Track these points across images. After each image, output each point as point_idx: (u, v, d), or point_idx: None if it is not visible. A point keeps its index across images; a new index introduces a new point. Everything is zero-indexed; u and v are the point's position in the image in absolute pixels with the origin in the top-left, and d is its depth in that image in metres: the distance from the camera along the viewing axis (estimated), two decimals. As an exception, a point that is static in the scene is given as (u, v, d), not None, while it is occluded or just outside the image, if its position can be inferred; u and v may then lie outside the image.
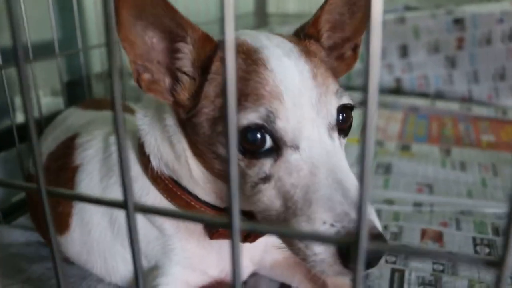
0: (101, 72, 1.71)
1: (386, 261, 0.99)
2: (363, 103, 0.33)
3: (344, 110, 0.67)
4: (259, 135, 0.61)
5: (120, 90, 0.38)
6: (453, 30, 2.21)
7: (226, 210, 0.76)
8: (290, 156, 0.61)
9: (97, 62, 1.73)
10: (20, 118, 1.47)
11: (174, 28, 0.65)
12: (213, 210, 0.77)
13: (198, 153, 0.72)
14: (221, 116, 0.64)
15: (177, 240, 0.79)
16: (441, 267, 0.97)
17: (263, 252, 0.91)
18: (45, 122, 1.25)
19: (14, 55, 0.38)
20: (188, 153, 0.73)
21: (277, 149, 0.62)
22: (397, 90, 2.32)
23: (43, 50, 1.40)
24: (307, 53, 0.68)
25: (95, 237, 0.85)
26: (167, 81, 0.69)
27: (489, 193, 1.34)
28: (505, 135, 1.83)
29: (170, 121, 0.74)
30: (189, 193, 0.76)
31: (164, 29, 0.65)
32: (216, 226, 0.73)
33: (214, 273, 0.83)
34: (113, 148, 0.85)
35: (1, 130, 1.41)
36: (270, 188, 0.63)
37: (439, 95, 2.25)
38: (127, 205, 0.40)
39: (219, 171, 0.71)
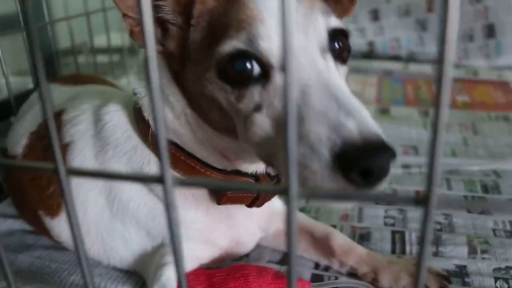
0: (71, 47, 1.61)
1: (385, 224, 0.99)
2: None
3: (339, 37, 0.64)
4: (248, 64, 0.59)
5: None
6: (423, -8, 2.21)
7: (231, 173, 0.75)
8: (279, 79, 0.58)
9: (64, 37, 1.63)
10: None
11: None
12: (218, 173, 0.74)
13: (198, 110, 0.71)
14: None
15: (186, 212, 0.77)
16: (438, 226, 0.98)
17: (268, 219, 0.90)
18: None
19: None
20: (188, 111, 0.72)
21: (265, 75, 0.59)
22: (370, 53, 2.33)
23: (5, 26, 1.31)
24: None
25: (91, 217, 0.81)
26: (157, 32, 0.69)
27: (471, 151, 1.37)
28: (478, 95, 1.86)
29: (165, 78, 0.72)
30: (193, 157, 0.74)
31: None
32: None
33: (224, 243, 0.81)
34: (106, 120, 0.80)
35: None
36: (262, 117, 0.59)
37: (411, 58, 2.27)
38: (164, 179, 0.37)
39: (219, 124, 0.69)
